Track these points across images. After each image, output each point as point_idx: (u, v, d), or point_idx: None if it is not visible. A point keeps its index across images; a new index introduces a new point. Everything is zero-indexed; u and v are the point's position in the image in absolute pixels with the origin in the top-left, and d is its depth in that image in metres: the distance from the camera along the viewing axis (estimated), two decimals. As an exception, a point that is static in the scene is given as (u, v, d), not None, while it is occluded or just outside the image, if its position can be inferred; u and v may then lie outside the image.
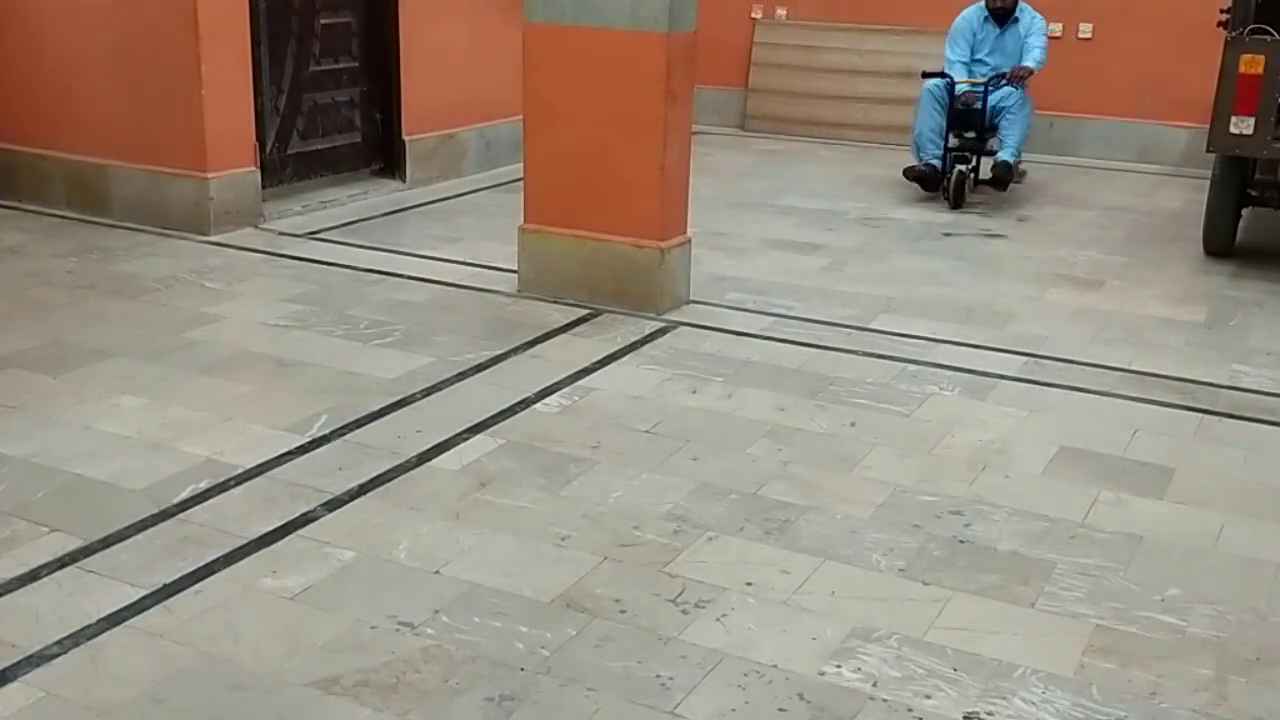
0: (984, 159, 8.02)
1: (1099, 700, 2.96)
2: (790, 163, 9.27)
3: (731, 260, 6.56)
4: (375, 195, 7.71)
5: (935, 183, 7.87)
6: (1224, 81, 6.41)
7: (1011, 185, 7.88)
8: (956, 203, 7.74)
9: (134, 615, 3.18)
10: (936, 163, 7.85)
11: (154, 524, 3.64)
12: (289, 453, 4.13)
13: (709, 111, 10.04)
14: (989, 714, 2.91)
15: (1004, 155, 7.81)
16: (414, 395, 4.65)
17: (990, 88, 7.81)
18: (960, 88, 7.87)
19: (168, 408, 4.46)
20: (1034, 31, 8.01)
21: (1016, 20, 8.03)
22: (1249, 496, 4.05)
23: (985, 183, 7.88)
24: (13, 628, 3.11)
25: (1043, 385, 4.96)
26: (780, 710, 2.90)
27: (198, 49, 6.48)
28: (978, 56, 8.07)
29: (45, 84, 7.10)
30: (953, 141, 7.94)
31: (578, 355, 5.11)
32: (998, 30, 8.04)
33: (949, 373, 5.04)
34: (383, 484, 3.95)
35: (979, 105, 7.84)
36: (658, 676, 3.00)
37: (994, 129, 7.94)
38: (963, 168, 7.82)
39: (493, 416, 4.46)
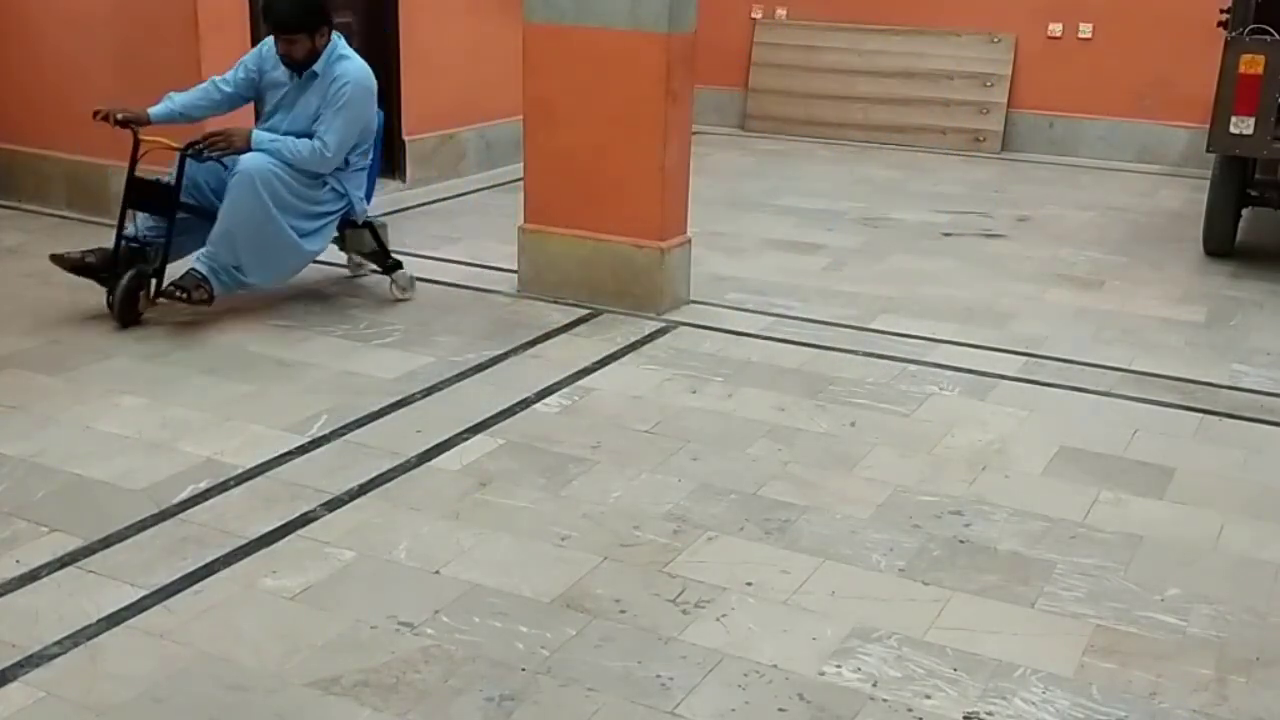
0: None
1: (1099, 700, 2.96)
2: (790, 163, 9.27)
3: (731, 260, 6.56)
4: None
5: (95, 276, 5.27)
6: (1224, 81, 6.41)
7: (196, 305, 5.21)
8: (124, 320, 5.18)
9: (134, 615, 3.18)
10: (96, 251, 5.31)
11: (154, 524, 3.64)
12: (289, 453, 4.13)
13: (709, 111, 10.04)
14: (989, 714, 2.91)
15: (196, 262, 5.20)
16: (414, 395, 4.65)
17: (191, 156, 5.21)
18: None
19: (168, 408, 4.46)
20: (332, 104, 5.25)
21: (316, 76, 5.29)
22: (1249, 496, 4.05)
23: (162, 295, 5.21)
24: (13, 628, 3.11)
25: (1043, 385, 4.96)
26: (780, 710, 2.90)
27: (198, 49, 6.48)
28: (272, 115, 5.44)
29: (45, 84, 7.09)
30: (135, 228, 5.31)
31: (578, 355, 5.11)
32: (294, 80, 5.35)
33: (949, 373, 5.04)
34: (383, 484, 3.95)
35: (168, 179, 5.27)
36: (658, 676, 3.00)
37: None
38: (140, 268, 5.23)
39: (493, 416, 4.46)
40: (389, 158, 7.95)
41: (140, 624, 3.15)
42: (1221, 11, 6.90)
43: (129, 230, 5.29)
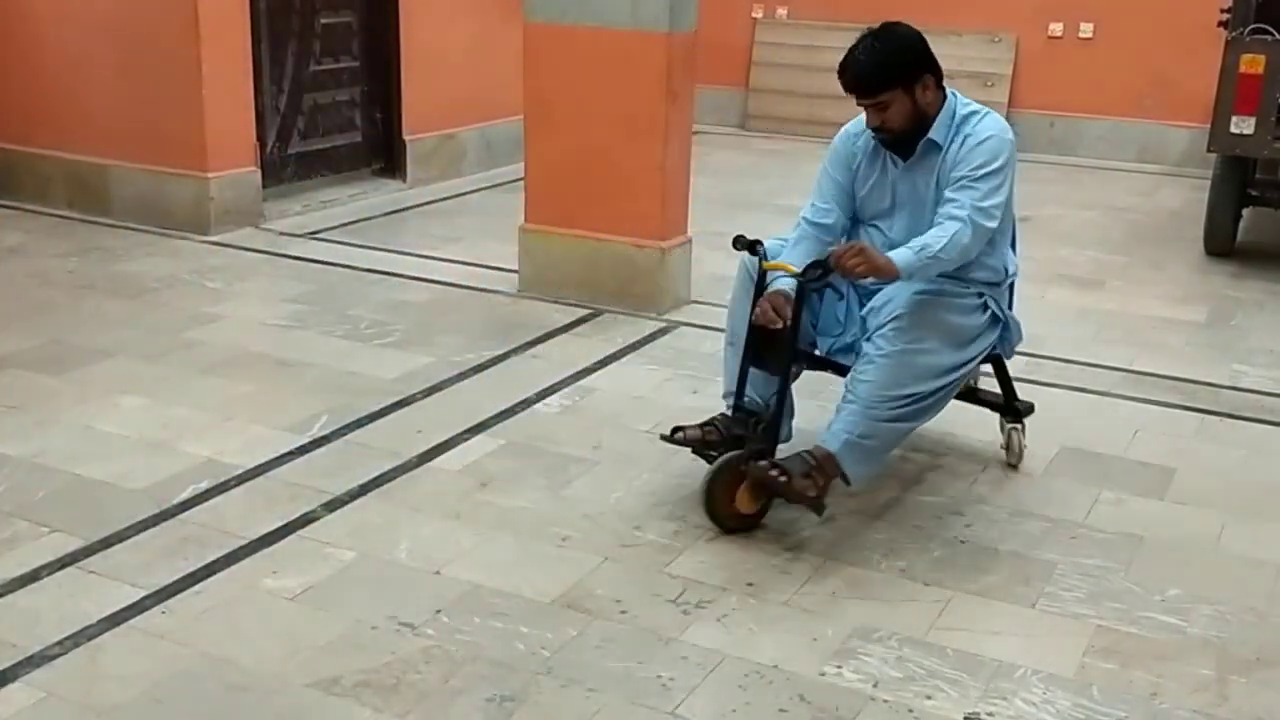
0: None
1: (1099, 700, 2.96)
2: (791, 162, 9.26)
3: (732, 260, 6.52)
4: (375, 195, 7.71)
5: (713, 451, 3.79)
6: (1224, 81, 6.41)
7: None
8: (723, 524, 3.66)
9: (134, 615, 3.18)
10: (722, 426, 3.86)
11: (154, 524, 3.64)
12: (289, 453, 4.13)
13: (709, 111, 10.02)
14: (989, 714, 2.90)
15: (827, 440, 3.63)
16: (414, 395, 4.65)
17: (811, 286, 3.66)
18: (772, 276, 3.82)
19: (168, 408, 4.46)
20: (966, 166, 3.61)
21: (937, 147, 3.70)
22: (1249, 497, 4.05)
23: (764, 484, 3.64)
24: (13, 628, 3.11)
25: (1043, 385, 4.95)
26: (781, 711, 2.90)
27: (198, 49, 6.48)
28: (868, 215, 3.91)
29: (46, 84, 7.09)
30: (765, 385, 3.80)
31: (578, 355, 5.10)
32: (897, 166, 3.81)
33: (949, 373, 5.03)
34: (383, 484, 3.94)
35: (779, 325, 3.67)
36: (658, 677, 3.00)
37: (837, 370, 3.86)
38: (735, 453, 3.67)
39: (493, 416, 4.46)
40: (389, 157, 7.98)
41: (140, 624, 3.15)
42: (1222, 11, 6.90)
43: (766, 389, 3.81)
